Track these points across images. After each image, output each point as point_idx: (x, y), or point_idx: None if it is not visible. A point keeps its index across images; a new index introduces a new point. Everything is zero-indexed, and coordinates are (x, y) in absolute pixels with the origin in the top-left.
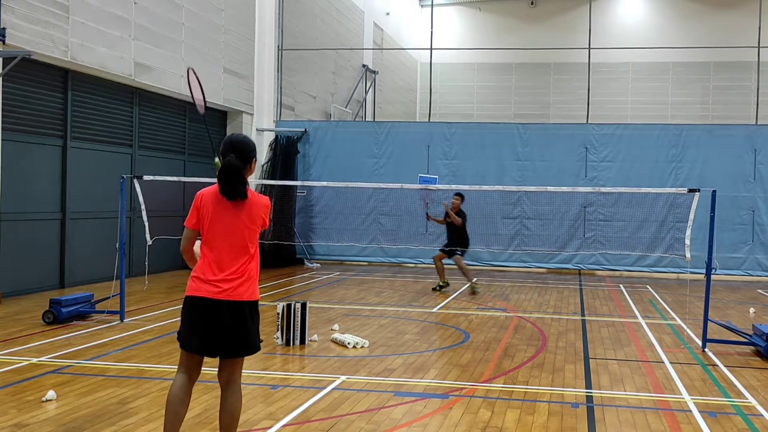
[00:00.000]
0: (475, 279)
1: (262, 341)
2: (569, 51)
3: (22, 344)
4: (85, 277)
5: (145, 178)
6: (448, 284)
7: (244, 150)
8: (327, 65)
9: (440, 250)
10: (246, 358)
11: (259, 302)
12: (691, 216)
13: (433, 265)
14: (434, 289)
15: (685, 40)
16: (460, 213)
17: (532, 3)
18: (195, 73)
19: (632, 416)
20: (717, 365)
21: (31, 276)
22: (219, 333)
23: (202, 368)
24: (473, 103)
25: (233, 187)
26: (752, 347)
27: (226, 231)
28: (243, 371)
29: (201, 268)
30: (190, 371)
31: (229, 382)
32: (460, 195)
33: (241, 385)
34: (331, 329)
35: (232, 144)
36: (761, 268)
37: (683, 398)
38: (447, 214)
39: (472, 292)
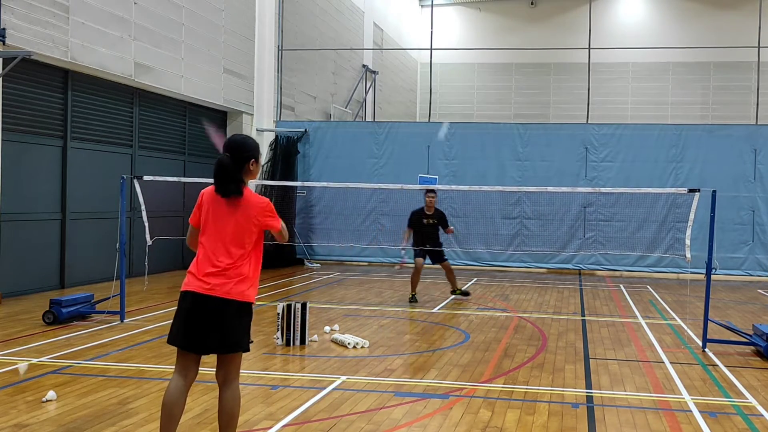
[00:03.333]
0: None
1: (252, 342)
2: (569, 51)
3: (22, 344)
4: (85, 277)
5: (145, 178)
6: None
7: (239, 150)
8: (327, 65)
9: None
10: (246, 358)
11: (260, 303)
12: (692, 216)
13: (432, 266)
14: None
15: (685, 40)
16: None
17: (532, 3)
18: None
19: (632, 416)
20: (717, 365)
21: (31, 276)
22: (203, 328)
23: (200, 368)
24: (473, 103)
25: (224, 186)
26: (752, 347)
27: (217, 228)
28: (243, 371)
29: (194, 263)
30: (186, 372)
31: (225, 380)
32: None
33: (239, 385)
34: (324, 331)
35: (228, 144)
36: (761, 268)
37: (683, 398)
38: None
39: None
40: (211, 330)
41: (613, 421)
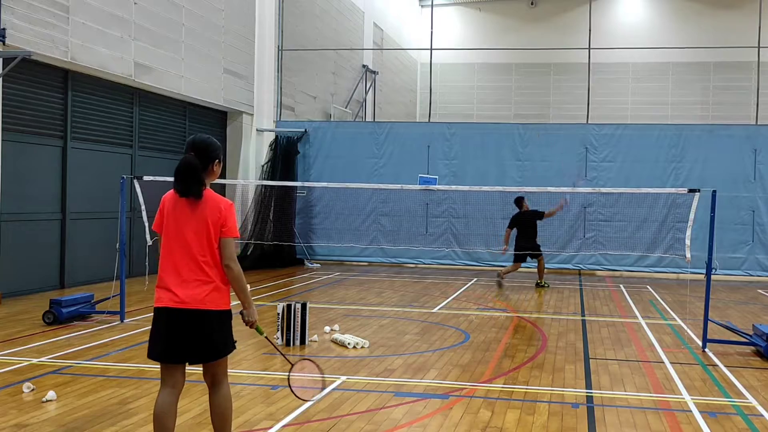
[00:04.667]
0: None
1: (236, 341)
2: (569, 51)
3: (22, 345)
4: (86, 277)
5: (145, 178)
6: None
7: (204, 150)
8: (327, 65)
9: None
10: (246, 358)
11: (260, 303)
12: (692, 216)
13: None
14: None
15: (685, 40)
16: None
17: (532, 3)
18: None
19: (632, 416)
20: (717, 365)
21: (31, 276)
22: (183, 341)
23: (195, 369)
24: (473, 103)
25: (186, 185)
26: (752, 347)
27: (179, 232)
28: (243, 371)
29: (161, 276)
30: (174, 382)
31: (214, 382)
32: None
33: (230, 384)
34: (324, 331)
35: (193, 143)
36: (761, 268)
37: (683, 398)
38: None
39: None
40: (194, 342)
41: (613, 421)
